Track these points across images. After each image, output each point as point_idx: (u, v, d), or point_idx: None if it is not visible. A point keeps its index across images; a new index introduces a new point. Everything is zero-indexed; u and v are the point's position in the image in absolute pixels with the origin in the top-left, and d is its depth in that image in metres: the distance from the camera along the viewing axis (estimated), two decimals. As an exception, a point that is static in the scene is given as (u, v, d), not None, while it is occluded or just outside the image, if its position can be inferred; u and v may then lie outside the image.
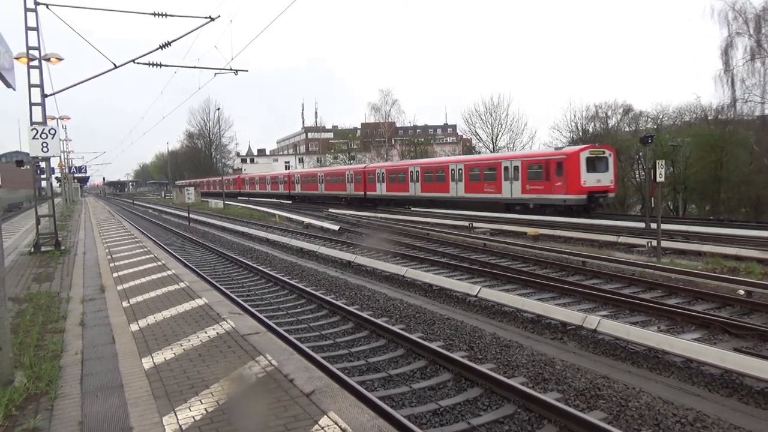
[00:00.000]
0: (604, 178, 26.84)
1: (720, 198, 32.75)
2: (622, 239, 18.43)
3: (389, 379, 7.11)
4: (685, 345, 7.34)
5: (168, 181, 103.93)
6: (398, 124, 72.49)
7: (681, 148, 34.18)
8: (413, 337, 8.36)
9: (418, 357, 7.82)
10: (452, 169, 34.44)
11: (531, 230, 21.41)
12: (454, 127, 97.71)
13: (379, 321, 9.37)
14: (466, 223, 25.09)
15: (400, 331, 8.66)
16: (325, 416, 4.37)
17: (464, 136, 61.77)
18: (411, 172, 38.65)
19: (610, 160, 27.36)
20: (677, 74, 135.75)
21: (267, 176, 69.37)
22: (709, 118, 35.87)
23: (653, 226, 17.80)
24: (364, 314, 9.84)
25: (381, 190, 42.10)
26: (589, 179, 26.19)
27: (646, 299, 10.62)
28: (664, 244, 16.06)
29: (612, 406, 6.09)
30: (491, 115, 50.36)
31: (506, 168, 29.79)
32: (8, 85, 6.34)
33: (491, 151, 50.05)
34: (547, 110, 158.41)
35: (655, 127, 40.29)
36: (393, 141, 67.66)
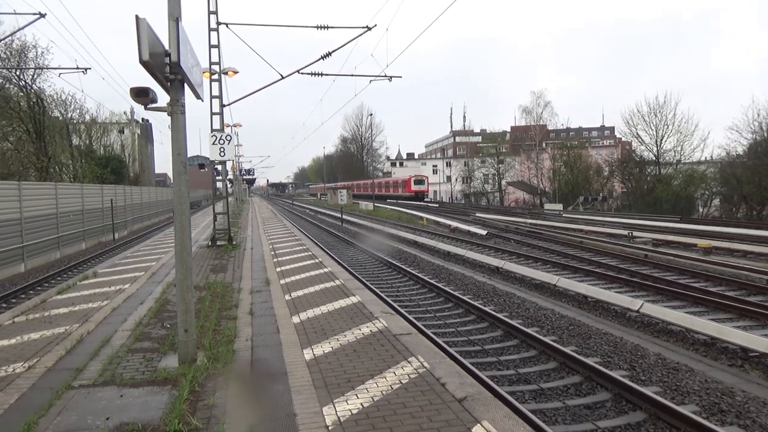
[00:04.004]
0: (423, 187, 69.02)
1: None
2: (820, 257, 15.95)
3: (540, 392, 6.84)
4: None
5: (323, 183, 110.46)
6: (550, 127, 69.70)
7: None
8: (566, 350, 7.96)
9: (571, 372, 7.43)
10: (392, 182, 77.83)
11: (702, 242, 19.39)
12: (611, 129, 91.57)
13: (529, 330, 9.06)
14: (625, 233, 23.43)
15: (553, 343, 8.29)
16: (479, 425, 4.30)
17: (623, 139, 57.48)
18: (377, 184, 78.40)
19: (426, 181, 70.54)
20: None
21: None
22: None
23: None
24: (513, 322, 9.58)
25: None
26: (415, 188, 68.13)
27: None
28: None
29: (809, 450, 5.27)
30: (656, 116, 46.27)
31: (401, 182, 72.58)
32: (198, 97, 7.13)
33: (655, 156, 46.53)
34: (725, 109, 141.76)
35: None
36: (544, 144, 65.17)
